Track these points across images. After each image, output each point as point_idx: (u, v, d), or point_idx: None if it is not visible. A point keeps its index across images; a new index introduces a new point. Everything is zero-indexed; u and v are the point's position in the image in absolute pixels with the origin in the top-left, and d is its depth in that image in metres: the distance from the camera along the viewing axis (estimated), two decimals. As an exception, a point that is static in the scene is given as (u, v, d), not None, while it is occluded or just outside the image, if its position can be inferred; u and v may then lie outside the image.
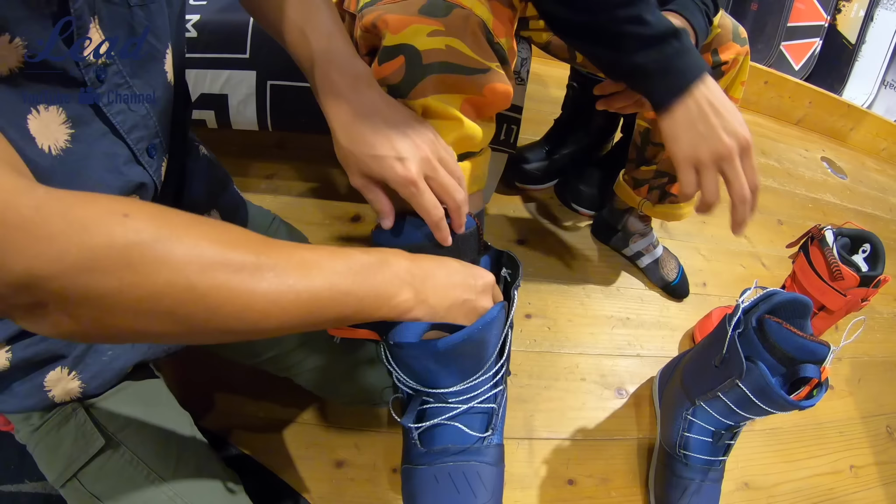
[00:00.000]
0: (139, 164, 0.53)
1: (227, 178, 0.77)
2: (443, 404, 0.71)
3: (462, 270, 0.58)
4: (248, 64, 1.01)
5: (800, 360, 0.81)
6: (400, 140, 0.56)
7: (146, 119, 0.53)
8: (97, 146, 0.48)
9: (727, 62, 0.96)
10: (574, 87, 1.34)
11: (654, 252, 1.29)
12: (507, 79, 0.64)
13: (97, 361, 0.60)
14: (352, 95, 0.57)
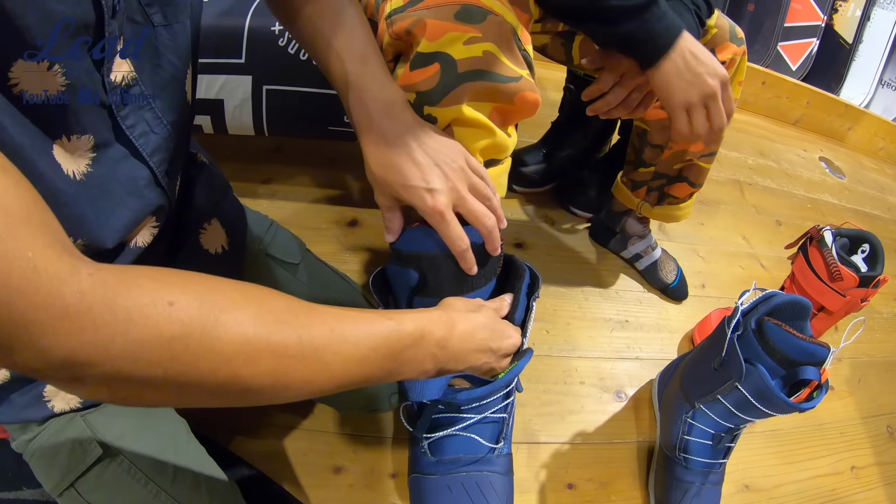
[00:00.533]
0: (159, 186, 0.53)
1: (226, 186, 0.77)
2: (456, 414, 0.71)
3: (489, 332, 0.61)
4: (243, 69, 1.01)
5: (799, 361, 0.81)
6: (430, 171, 0.58)
7: (167, 141, 0.52)
8: (118, 169, 0.48)
9: (724, 62, 0.96)
10: (571, 89, 1.33)
11: (652, 254, 1.29)
12: (535, 87, 0.64)
13: None
14: (385, 122, 0.58)
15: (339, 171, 1.35)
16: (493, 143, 0.65)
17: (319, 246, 1.18)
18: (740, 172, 1.77)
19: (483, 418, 0.73)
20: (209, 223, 0.69)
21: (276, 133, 1.12)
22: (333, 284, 0.88)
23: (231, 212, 0.75)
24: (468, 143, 0.64)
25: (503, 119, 0.66)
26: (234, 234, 0.73)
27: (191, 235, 0.67)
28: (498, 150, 0.67)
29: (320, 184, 1.32)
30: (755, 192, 1.72)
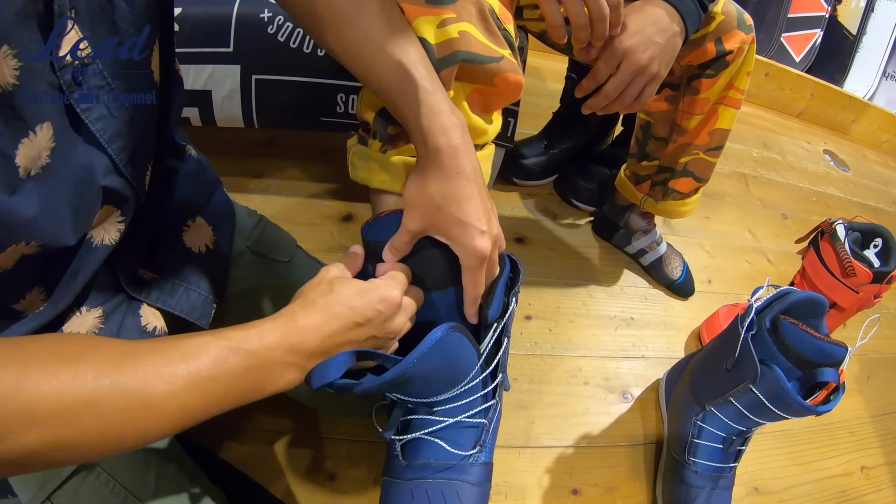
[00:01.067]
0: (121, 176, 0.48)
1: (216, 183, 0.72)
2: (428, 416, 0.67)
3: (347, 309, 0.52)
4: (231, 58, 0.97)
5: (815, 362, 0.77)
6: (486, 215, 0.55)
7: (130, 126, 0.48)
8: (74, 157, 0.44)
9: (732, 51, 0.92)
10: (573, 78, 1.29)
11: (657, 249, 1.25)
12: (518, 68, 0.60)
13: None
14: (460, 154, 0.54)
15: (332, 164, 1.31)
16: (469, 126, 0.60)
17: (313, 242, 1.15)
18: (745, 165, 1.74)
19: (457, 422, 0.68)
20: (193, 220, 0.65)
21: (267, 125, 1.08)
22: None
23: (219, 209, 0.70)
24: None
25: (484, 103, 0.62)
26: (222, 232, 0.68)
27: (173, 233, 0.63)
28: (474, 135, 0.62)
29: (313, 178, 1.28)
30: (760, 185, 1.69)
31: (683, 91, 0.99)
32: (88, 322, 0.56)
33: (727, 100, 1.00)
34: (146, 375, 0.39)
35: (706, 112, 1.01)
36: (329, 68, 1.01)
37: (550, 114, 1.42)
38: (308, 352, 0.49)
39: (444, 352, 0.57)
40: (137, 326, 0.59)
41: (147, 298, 0.60)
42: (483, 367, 0.65)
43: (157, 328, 0.61)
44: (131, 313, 0.59)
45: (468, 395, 0.65)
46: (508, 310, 0.66)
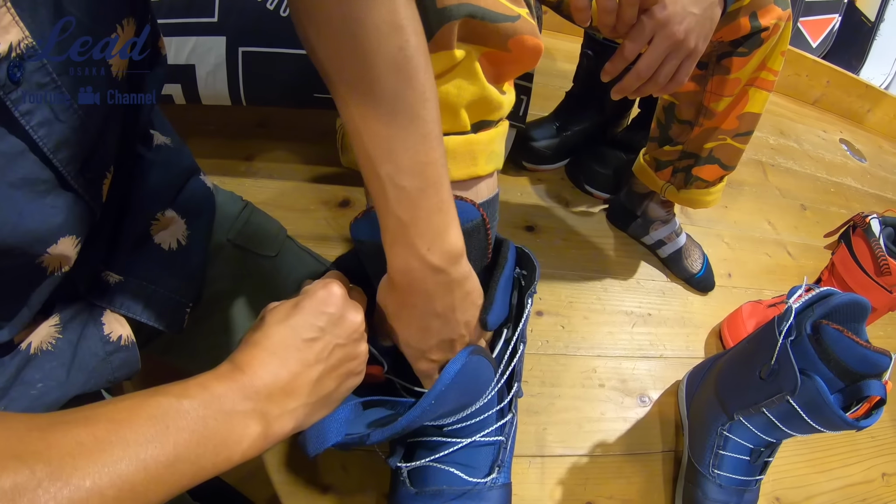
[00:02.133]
0: (70, 190, 0.40)
1: (191, 169, 0.63)
2: (438, 437, 0.59)
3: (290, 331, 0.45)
4: (216, 28, 0.88)
5: (857, 371, 0.70)
6: (438, 347, 0.52)
7: (80, 132, 0.39)
8: (11, 170, 0.35)
9: (768, 28, 0.83)
10: (588, 55, 1.20)
11: (676, 241, 1.17)
12: (536, 30, 0.51)
13: (25, 395, 0.48)
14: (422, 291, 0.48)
15: (329, 146, 1.22)
16: (483, 98, 0.52)
17: (306, 229, 1.07)
18: (762, 152, 1.67)
19: (471, 443, 0.61)
20: (163, 213, 0.56)
21: (255, 102, 0.99)
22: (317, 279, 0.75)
23: (194, 199, 0.61)
24: (454, 98, 0.50)
25: (496, 71, 0.53)
26: (196, 226, 0.59)
27: (139, 229, 0.54)
28: (488, 109, 0.53)
29: (308, 161, 1.19)
30: (778, 174, 1.61)
31: (712, 70, 0.91)
32: (43, 331, 0.48)
33: (759, 81, 0.92)
34: (66, 451, 0.30)
35: (736, 94, 0.92)
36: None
37: (561, 95, 1.33)
38: (265, 392, 0.41)
39: (463, 381, 0.50)
40: (100, 336, 0.51)
41: (110, 304, 0.52)
42: (497, 379, 0.57)
43: (123, 337, 0.53)
44: (92, 321, 0.51)
45: (483, 411, 0.58)
46: (524, 313, 0.58)
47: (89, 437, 0.32)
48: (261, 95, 0.98)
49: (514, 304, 0.60)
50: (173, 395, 0.37)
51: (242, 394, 0.40)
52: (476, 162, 0.53)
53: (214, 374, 0.40)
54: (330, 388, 0.46)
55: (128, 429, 0.33)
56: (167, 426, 0.35)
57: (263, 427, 0.40)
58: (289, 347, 0.43)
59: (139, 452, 0.33)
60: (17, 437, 0.30)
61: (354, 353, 0.48)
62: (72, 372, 0.50)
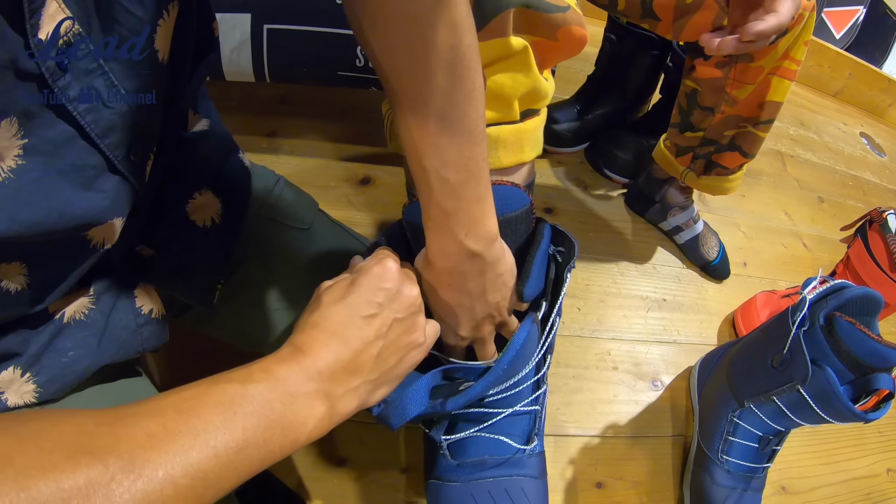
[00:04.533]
0: (117, 174, 0.41)
1: (229, 149, 0.64)
2: (479, 409, 0.61)
3: (350, 310, 0.45)
4: (241, 5, 0.89)
5: (867, 364, 0.71)
6: (469, 324, 0.54)
7: (127, 117, 0.39)
8: (61, 156, 0.36)
9: (792, 17, 0.82)
10: (612, 39, 1.19)
11: (694, 227, 1.17)
12: (584, 21, 0.52)
13: (56, 363, 0.49)
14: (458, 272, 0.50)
15: (350, 123, 1.23)
16: (534, 89, 0.53)
17: (328, 206, 1.06)
18: (782, 143, 1.65)
19: (512, 413, 0.63)
20: (200, 192, 0.57)
21: (279, 79, 0.99)
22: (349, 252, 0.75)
23: (232, 179, 0.62)
24: (509, 89, 0.51)
25: (541, 58, 0.54)
26: (232, 204, 0.60)
27: (176, 206, 0.56)
28: (537, 98, 0.55)
29: (330, 138, 1.20)
30: (797, 165, 1.60)
31: (736, 58, 0.90)
32: (77, 302, 0.50)
33: (782, 70, 0.91)
34: (137, 443, 0.31)
35: (759, 82, 0.92)
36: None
37: (582, 78, 1.32)
38: (327, 373, 0.41)
39: (524, 349, 0.54)
40: (131, 308, 0.53)
41: (143, 278, 0.53)
42: (538, 350, 0.59)
43: (154, 311, 0.54)
44: (125, 294, 0.52)
45: (522, 382, 0.59)
46: (562, 287, 0.59)
47: (158, 427, 0.32)
48: (285, 73, 0.99)
49: (551, 278, 0.61)
50: (238, 381, 0.37)
51: (306, 375, 0.40)
52: (523, 149, 0.56)
53: (276, 358, 0.41)
54: (392, 362, 0.46)
55: (196, 417, 0.34)
56: (234, 412, 0.35)
57: (328, 407, 0.41)
58: (348, 326, 0.44)
59: (209, 440, 0.33)
60: (86, 432, 0.31)
61: (414, 326, 0.48)
62: (103, 342, 0.51)
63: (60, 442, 0.30)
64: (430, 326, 0.51)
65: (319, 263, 0.69)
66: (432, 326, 0.52)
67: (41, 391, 0.49)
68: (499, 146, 0.53)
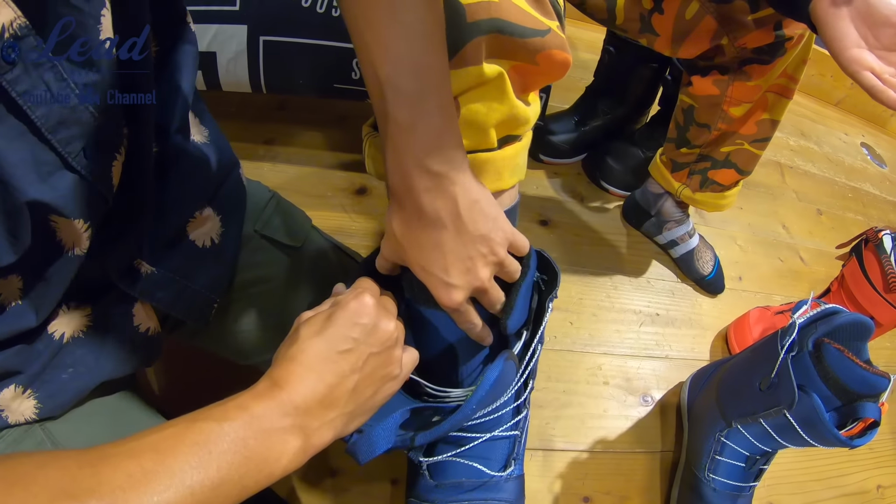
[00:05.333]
0: (73, 171, 0.40)
1: (231, 164, 0.63)
2: (458, 432, 0.61)
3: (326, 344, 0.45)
4: (238, 17, 0.89)
5: (855, 391, 0.71)
6: (457, 266, 0.48)
7: (77, 111, 0.39)
8: (13, 151, 0.36)
9: (791, 38, 0.82)
10: (610, 51, 1.19)
11: (689, 242, 1.18)
12: (566, 44, 0.51)
13: (56, 380, 0.50)
14: (425, 197, 0.45)
15: (348, 131, 1.23)
16: (512, 116, 0.52)
17: (323, 216, 1.09)
18: (781, 154, 1.64)
19: (490, 437, 0.63)
20: (201, 211, 0.57)
21: (275, 90, 1.00)
22: (342, 270, 0.75)
23: (231, 197, 0.62)
24: (483, 117, 0.50)
25: (523, 83, 0.53)
26: (231, 223, 0.61)
27: (176, 225, 0.56)
28: (516, 124, 0.53)
29: (327, 146, 1.20)
30: (796, 177, 1.59)
31: (734, 76, 0.90)
32: (76, 320, 0.50)
33: (779, 88, 0.92)
34: (117, 485, 0.32)
35: (756, 100, 0.92)
36: (345, 31, 0.92)
37: (581, 86, 1.32)
38: (303, 407, 0.42)
39: (498, 384, 0.53)
40: (129, 327, 0.54)
41: (141, 296, 0.54)
42: (517, 378, 0.59)
43: (150, 329, 0.55)
44: (122, 312, 0.53)
45: (501, 408, 0.60)
46: (543, 317, 0.59)
47: (137, 468, 0.33)
48: (281, 84, 0.99)
49: (533, 307, 0.61)
50: (214, 419, 0.38)
51: (281, 411, 0.41)
52: (501, 176, 0.54)
53: (253, 394, 0.41)
54: (367, 395, 0.47)
55: (172, 458, 0.35)
56: (210, 451, 0.36)
57: (303, 440, 0.41)
58: (324, 360, 0.44)
59: (185, 479, 0.34)
60: (69, 475, 0.32)
61: (390, 360, 0.49)
62: (101, 359, 0.52)
63: (46, 486, 0.31)
64: (406, 356, 0.51)
65: (311, 281, 0.69)
66: (409, 356, 0.52)
67: (41, 408, 0.50)
68: (475, 174, 0.53)
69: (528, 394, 0.64)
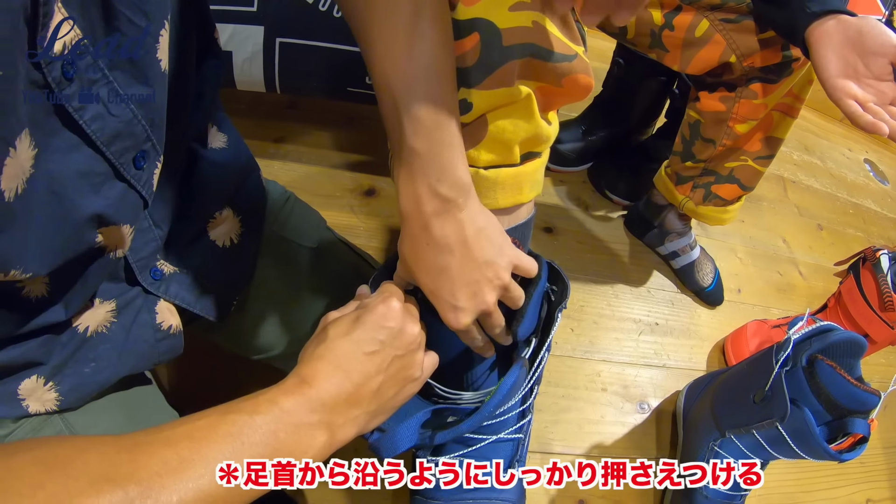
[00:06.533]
0: (122, 180, 0.42)
1: (250, 168, 0.65)
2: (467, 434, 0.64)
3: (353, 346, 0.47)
4: (255, 18, 0.90)
5: (846, 407, 0.73)
6: (464, 290, 0.50)
7: (131, 125, 0.41)
8: (67, 164, 0.38)
9: (798, 59, 0.84)
10: (620, 63, 1.21)
11: (690, 254, 1.19)
12: (590, 69, 0.53)
13: (78, 373, 0.52)
14: (435, 222, 0.47)
15: (357, 132, 1.25)
16: (536, 135, 0.54)
17: (331, 216, 1.08)
18: (785, 168, 1.66)
19: (496, 440, 0.66)
20: (221, 212, 0.59)
21: (289, 91, 1.01)
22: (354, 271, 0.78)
23: (251, 199, 0.64)
24: (510, 135, 0.53)
25: (546, 102, 0.55)
26: (250, 224, 0.63)
27: (197, 226, 0.58)
28: (538, 142, 0.56)
29: (337, 146, 1.22)
30: (798, 191, 1.61)
31: (740, 94, 0.92)
32: (100, 315, 0.52)
33: (785, 108, 0.93)
34: (154, 471, 0.34)
35: (761, 118, 0.94)
36: (360, 35, 0.94)
37: (591, 97, 1.34)
38: (330, 404, 0.44)
39: (513, 388, 0.55)
40: (151, 323, 0.55)
41: (165, 294, 0.55)
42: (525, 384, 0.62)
43: (173, 327, 0.57)
44: (146, 309, 0.55)
45: (508, 412, 0.62)
46: (552, 326, 0.61)
47: (173, 456, 0.35)
48: (295, 85, 1.00)
49: (542, 316, 0.63)
50: (246, 412, 0.40)
51: (309, 407, 0.42)
52: (521, 191, 0.56)
53: (282, 389, 0.43)
54: (389, 395, 0.49)
55: (207, 447, 0.36)
56: (242, 442, 0.38)
57: (329, 436, 0.43)
58: (352, 360, 0.46)
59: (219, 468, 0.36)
60: (108, 460, 0.34)
61: (412, 363, 0.51)
62: (123, 355, 0.54)
63: (85, 469, 0.33)
64: (427, 360, 0.53)
65: (326, 281, 0.71)
66: (430, 360, 0.54)
67: (62, 400, 0.51)
68: (497, 188, 0.55)
69: (532, 399, 0.66)
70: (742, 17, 0.83)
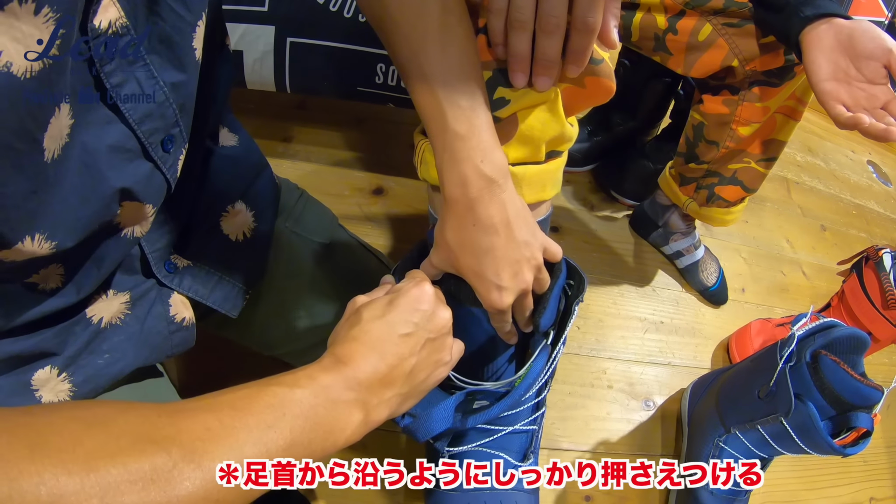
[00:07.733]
0: (149, 160, 0.44)
1: (261, 165, 0.67)
2: (483, 425, 0.65)
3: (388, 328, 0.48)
4: (266, 18, 0.92)
5: (849, 402, 0.74)
6: (507, 270, 0.52)
7: (163, 107, 0.43)
8: (101, 137, 0.39)
9: (800, 63, 0.85)
10: (625, 64, 1.22)
11: (694, 253, 1.20)
12: (613, 74, 0.55)
13: (92, 365, 0.52)
14: (480, 206, 0.49)
15: (366, 132, 1.26)
16: (561, 134, 0.57)
17: (339, 215, 1.09)
18: (788, 169, 1.66)
19: (512, 430, 0.67)
20: (233, 206, 0.61)
21: (300, 91, 1.03)
22: (365, 268, 0.79)
23: (262, 194, 0.65)
24: (538, 133, 0.55)
25: (568, 105, 0.57)
26: (263, 219, 0.64)
27: (210, 219, 0.59)
28: (562, 141, 0.58)
29: (345, 146, 1.23)
30: (802, 192, 1.62)
31: (743, 97, 0.93)
32: (114, 307, 0.53)
33: (788, 111, 0.94)
34: (196, 436, 0.33)
35: (764, 121, 0.95)
36: (370, 35, 0.96)
37: (598, 98, 1.35)
38: (366, 384, 0.44)
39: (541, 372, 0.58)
40: (165, 315, 0.56)
41: (179, 287, 0.57)
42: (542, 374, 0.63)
43: (186, 319, 0.58)
44: (160, 301, 0.56)
45: (524, 402, 0.64)
46: (569, 319, 0.63)
47: (216, 422, 0.35)
48: (305, 85, 1.02)
49: (560, 309, 0.65)
50: (286, 385, 0.40)
51: (346, 385, 0.43)
52: (545, 188, 0.59)
53: (320, 367, 0.44)
54: (421, 378, 0.49)
55: (249, 415, 0.36)
56: (284, 413, 0.38)
57: (364, 415, 0.44)
58: (386, 342, 0.46)
59: (261, 437, 0.36)
60: (149, 422, 0.33)
61: (443, 346, 0.51)
62: (137, 347, 0.55)
63: (126, 429, 0.32)
64: (456, 346, 0.54)
65: (338, 277, 0.72)
66: (457, 346, 0.55)
67: (76, 391, 0.52)
68: (523, 184, 0.57)
69: (546, 392, 0.68)
70: (744, 21, 0.84)
